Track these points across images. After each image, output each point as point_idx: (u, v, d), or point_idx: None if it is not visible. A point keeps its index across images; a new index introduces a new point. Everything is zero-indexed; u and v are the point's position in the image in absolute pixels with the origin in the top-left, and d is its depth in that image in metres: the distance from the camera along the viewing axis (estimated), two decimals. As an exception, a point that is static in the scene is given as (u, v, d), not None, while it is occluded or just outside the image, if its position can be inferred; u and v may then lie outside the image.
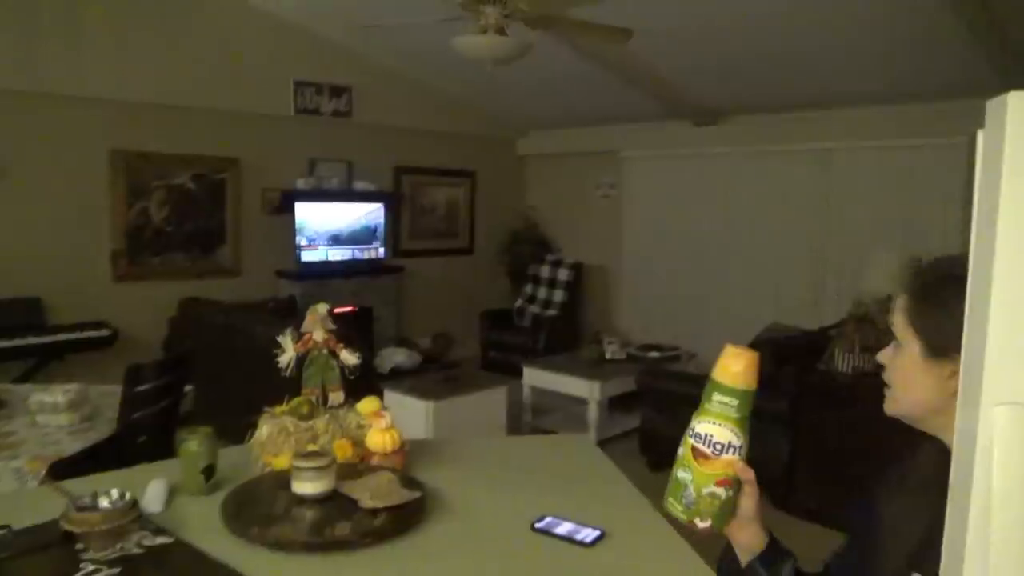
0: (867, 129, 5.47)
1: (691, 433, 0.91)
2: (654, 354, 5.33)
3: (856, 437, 3.53)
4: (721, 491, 0.91)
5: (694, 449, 0.90)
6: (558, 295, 6.99)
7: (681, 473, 0.91)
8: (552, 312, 6.89)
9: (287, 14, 5.62)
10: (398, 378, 4.76)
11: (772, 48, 4.71)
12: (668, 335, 6.05)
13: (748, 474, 0.94)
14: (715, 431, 0.90)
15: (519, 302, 7.17)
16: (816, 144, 5.76)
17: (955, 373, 0.89)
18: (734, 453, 0.91)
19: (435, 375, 4.42)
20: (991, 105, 0.61)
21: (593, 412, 4.69)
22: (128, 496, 1.45)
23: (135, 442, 2.64)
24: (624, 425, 4.95)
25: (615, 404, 5.13)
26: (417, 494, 1.59)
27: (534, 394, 5.07)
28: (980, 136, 0.65)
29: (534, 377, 5.05)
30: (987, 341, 0.59)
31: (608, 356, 5.20)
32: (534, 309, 7.02)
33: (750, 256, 6.20)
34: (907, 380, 0.96)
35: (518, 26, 3.14)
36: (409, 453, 1.90)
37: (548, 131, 7.55)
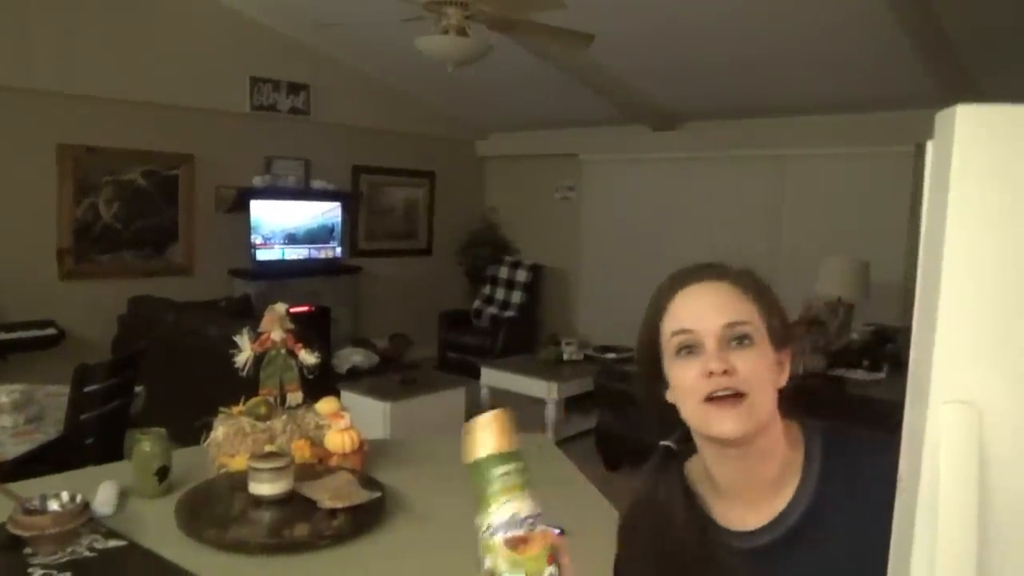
0: (818, 137, 5.62)
1: (490, 531, 0.72)
2: (611, 355, 5.38)
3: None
4: (555, 569, 0.72)
5: (507, 542, 0.71)
6: (516, 296, 7.00)
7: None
8: (510, 313, 6.91)
9: (243, 8, 5.54)
10: (356, 378, 4.72)
11: (728, 56, 4.80)
12: (626, 337, 6.09)
13: (565, 543, 0.75)
14: (518, 507, 0.73)
15: (477, 303, 7.16)
16: (770, 150, 5.89)
17: (783, 363, 0.90)
18: (542, 523, 0.74)
19: (393, 376, 4.39)
20: (940, 117, 0.64)
21: (551, 412, 4.71)
22: (79, 499, 1.41)
23: (83, 444, 2.57)
24: (581, 425, 4.98)
25: (573, 404, 5.16)
26: (376, 494, 1.59)
27: (492, 395, 5.07)
28: (929, 146, 0.68)
29: (492, 378, 5.06)
30: (935, 342, 0.62)
31: (566, 357, 5.22)
32: (492, 310, 7.02)
33: (706, 259, 6.29)
34: (764, 380, 0.86)
35: (479, 27, 3.15)
36: (368, 453, 1.89)
37: (508, 133, 7.56)
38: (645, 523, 0.96)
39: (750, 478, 0.90)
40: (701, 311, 0.88)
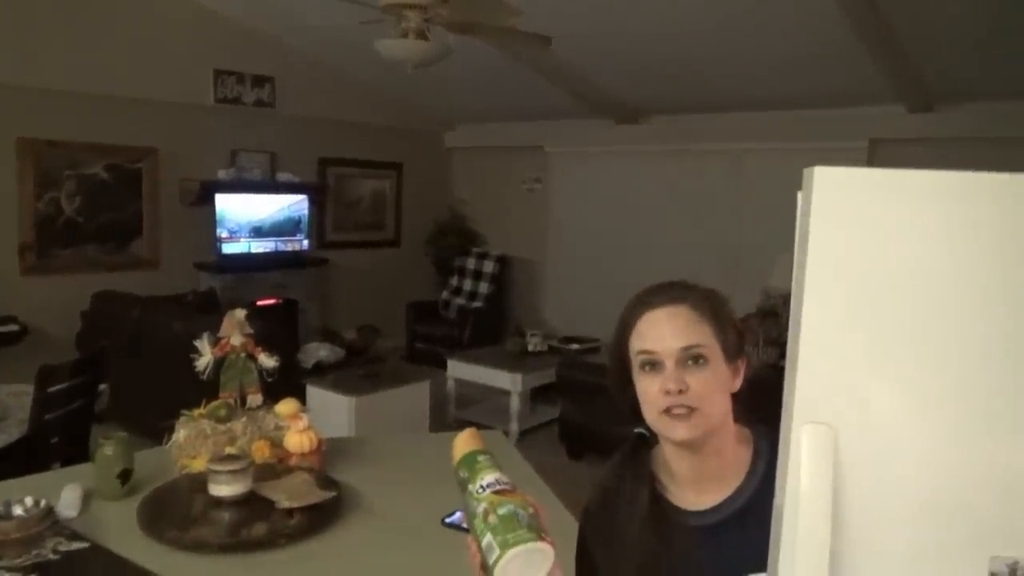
0: (775, 132, 5.74)
1: (480, 490, 0.91)
2: (575, 346, 5.48)
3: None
4: (532, 509, 0.91)
5: (496, 492, 0.91)
6: (484, 287, 7.08)
7: (503, 510, 0.89)
8: (478, 304, 6.98)
9: (207, 0, 5.51)
10: (321, 373, 4.76)
11: (687, 53, 4.90)
12: (591, 327, 6.21)
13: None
14: (497, 475, 0.93)
15: (445, 294, 7.23)
16: (729, 145, 6.02)
17: (738, 370, 1.03)
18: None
19: (358, 370, 4.44)
20: (806, 173, 0.73)
21: (515, 404, 4.81)
22: (43, 503, 1.47)
23: (47, 443, 2.61)
24: (546, 416, 5.08)
25: (538, 395, 5.26)
26: (332, 494, 1.66)
27: (459, 386, 5.16)
28: (799, 196, 0.77)
29: (458, 369, 5.14)
30: (797, 369, 0.71)
31: (531, 348, 5.32)
32: (460, 301, 7.09)
33: (668, 251, 6.41)
34: (715, 392, 0.99)
35: (439, 29, 3.20)
36: (327, 453, 1.96)
37: (475, 125, 7.60)
38: (609, 501, 1.09)
39: (701, 471, 1.04)
40: (661, 334, 1.01)
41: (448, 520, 1.65)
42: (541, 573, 0.91)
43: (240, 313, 1.95)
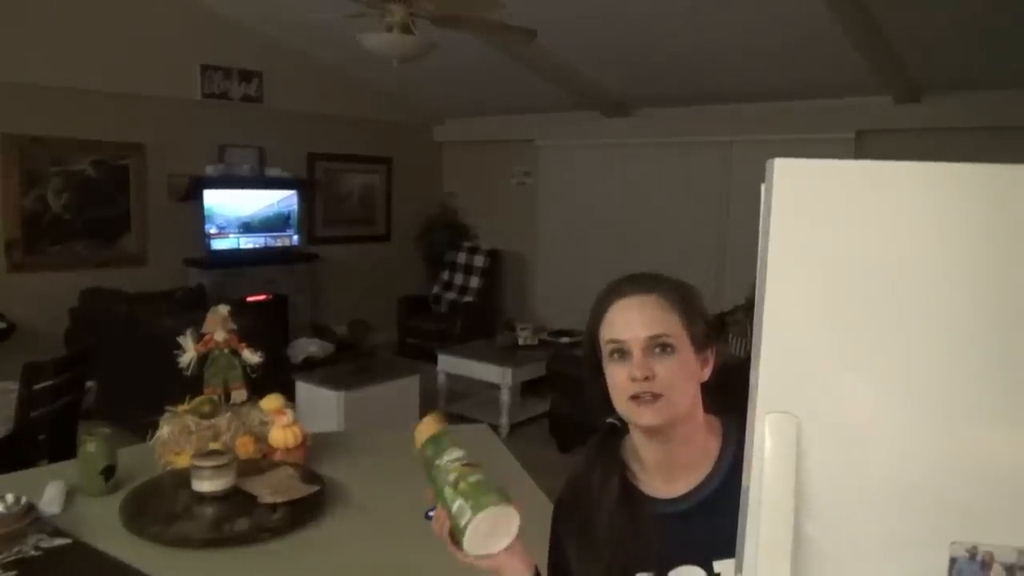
0: (764, 123, 5.75)
1: (448, 463, 1.02)
2: (565, 340, 5.49)
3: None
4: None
5: (466, 465, 1.01)
6: (474, 281, 7.08)
7: (474, 478, 0.99)
8: (469, 298, 6.98)
9: (193, -5, 5.48)
10: (311, 368, 4.76)
11: (675, 45, 4.90)
12: (581, 320, 6.16)
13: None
14: (461, 452, 1.03)
15: (436, 288, 7.23)
16: (717, 137, 6.02)
17: (707, 360, 1.05)
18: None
19: (348, 365, 4.44)
20: (768, 165, 0.74)
21: (505, 397, 4.81)
22: (24, 500, 1.47)
23: (34, 440, 2.61)
24: (536, 409, 5.09)
25: (528, 389, 5.27)
26: (315, 488, 1.67)
27: (449, 380, 5.16)
28: (763, 188, 0.78)
29: (449, 364, 5.14)
30: (760, 360, 0.72)
31: (521, 342, 5.32)
32: (451, 295, 7.09)
33: (658, 243, 6.43)
34: (684, 380, 1.01)
35: (424, 23, 3.19)
36: (312, 448, 1.96)
37: (464, 119, 7.59)
38: (581, 490, 1.11)
39: (670, 459, 1.06)
40: (630, 323, 1.03)
41: (431, 513, 1.65)
42: (508, 537, 1.00)
43: (223, 309, 1.95)
